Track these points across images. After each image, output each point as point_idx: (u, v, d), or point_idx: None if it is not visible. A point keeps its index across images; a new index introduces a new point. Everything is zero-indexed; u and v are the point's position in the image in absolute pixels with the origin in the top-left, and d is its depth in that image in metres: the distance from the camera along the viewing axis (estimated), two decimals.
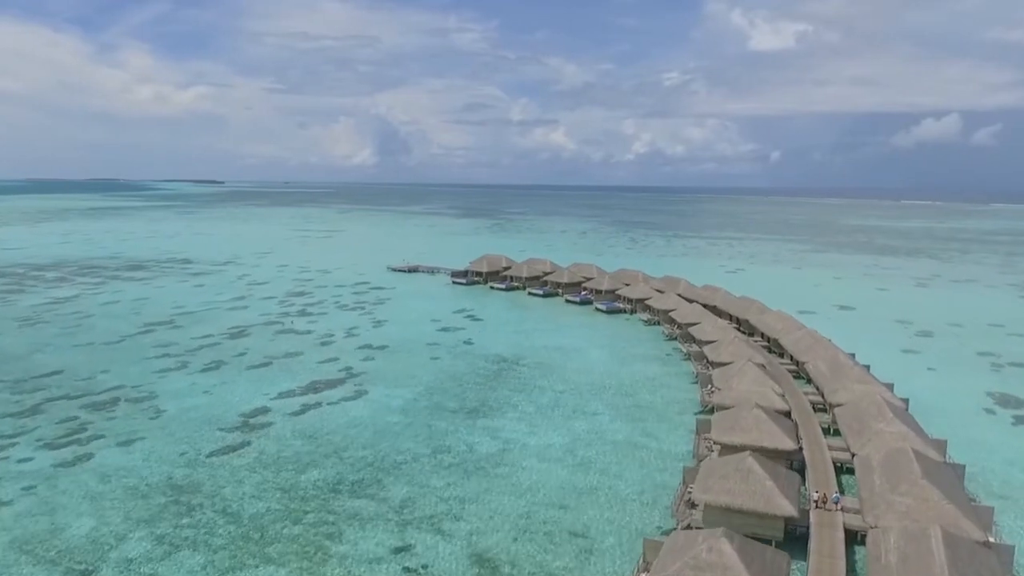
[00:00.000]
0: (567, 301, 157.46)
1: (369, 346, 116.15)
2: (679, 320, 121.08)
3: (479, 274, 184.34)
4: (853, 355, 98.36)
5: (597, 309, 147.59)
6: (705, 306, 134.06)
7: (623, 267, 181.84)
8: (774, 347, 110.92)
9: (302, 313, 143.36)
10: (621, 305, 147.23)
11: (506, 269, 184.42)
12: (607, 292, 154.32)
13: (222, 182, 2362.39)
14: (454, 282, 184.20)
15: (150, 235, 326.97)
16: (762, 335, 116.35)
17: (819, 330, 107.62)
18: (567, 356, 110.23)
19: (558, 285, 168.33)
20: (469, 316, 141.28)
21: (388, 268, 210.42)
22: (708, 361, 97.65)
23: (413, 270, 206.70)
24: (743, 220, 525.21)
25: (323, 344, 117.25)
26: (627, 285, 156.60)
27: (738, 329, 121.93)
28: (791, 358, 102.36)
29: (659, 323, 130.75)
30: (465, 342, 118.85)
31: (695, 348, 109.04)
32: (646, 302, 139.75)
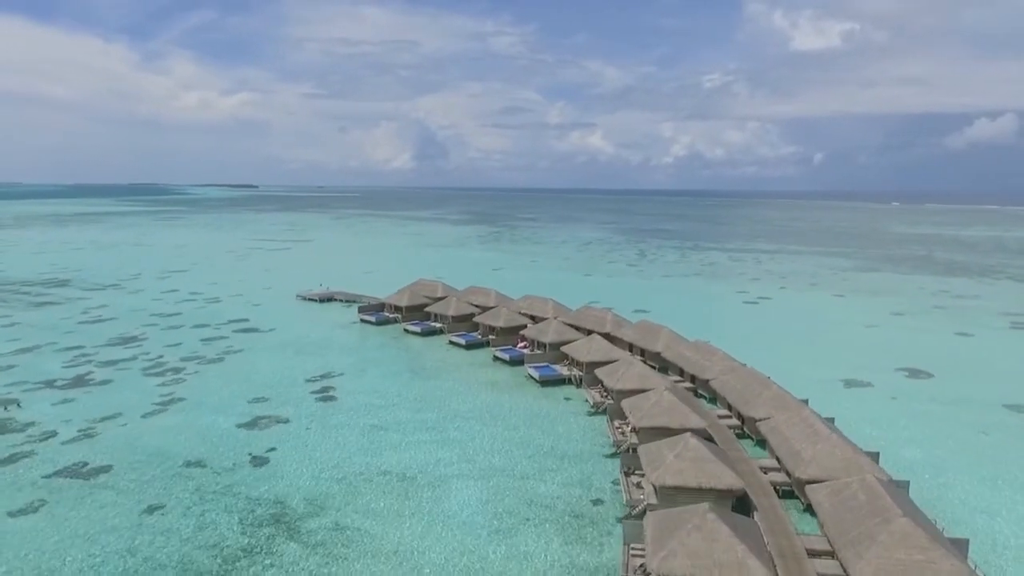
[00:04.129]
0: (495, 358, 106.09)
1: (80, 465, 66.55)
2: (631, 415, 69.25)
3: (397, 309, 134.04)
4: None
5: (530, 376, 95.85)
6: (693, 379, 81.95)
7: (610, 292, 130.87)
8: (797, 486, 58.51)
9: (79, 381, 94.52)
10: (564, 372, 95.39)
11: (436, 301, 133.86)
12: (551, 347, 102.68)
13: (256, 186, 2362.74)
14: (362, 320, 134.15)
15: (62, 246, 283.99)
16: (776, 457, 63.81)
17: (883, 419, 57.06)
18: (418, 511, 59.27)
19: (491, 330, 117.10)
20: (324, 391, 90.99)
21: (297, 296, 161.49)
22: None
23: (327, 299, 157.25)
24: (779, 228, 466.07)
25: (16, 453, 68.03)
26: (583, 333, 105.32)
27: (740, 431, 70.09)
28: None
29: (604, 411, 78.62)
30: (257, 459, 68.52)
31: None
32: (596, 368, 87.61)
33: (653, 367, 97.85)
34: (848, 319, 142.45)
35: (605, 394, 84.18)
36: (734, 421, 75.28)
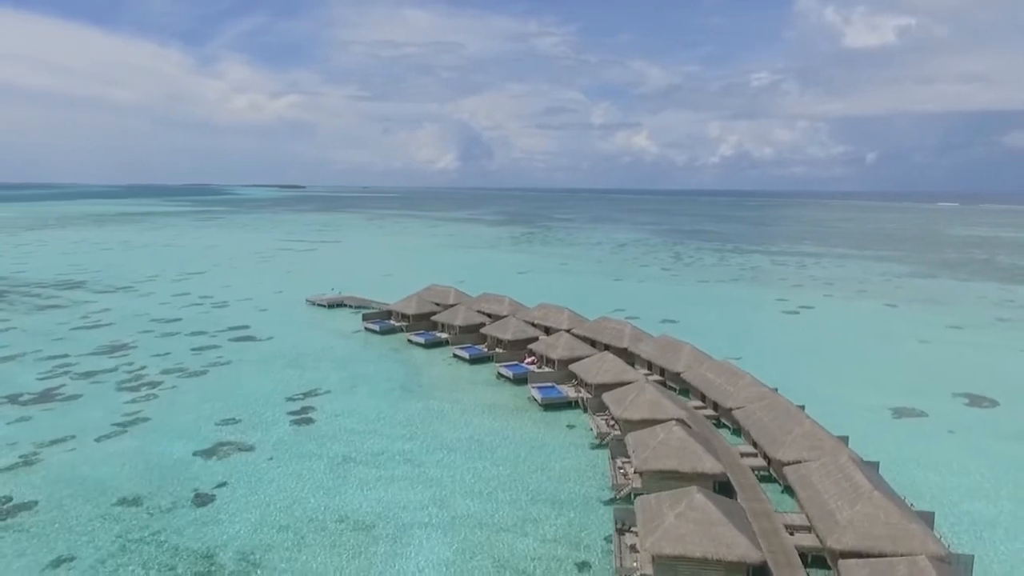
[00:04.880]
0: (499, 375, 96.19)
1: (2, 501, 58.81)
2: (634, 454, 58.87)
3: (404, 317, 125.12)
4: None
5: (532, 398, 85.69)
6: (715, 406, 71.06)
7: (638, 299, 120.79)
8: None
9: (46, 395, 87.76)
10: (571, 393, 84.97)
11: (447, 308, 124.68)
12: (560, 364, 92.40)
13: (303, 187, 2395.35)
14: (366, 328, 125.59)
15: (92, 246, 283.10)
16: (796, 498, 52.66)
17: (938, 461, 51.80)
18: (366, 573, 50.02)
19: (498, 342, 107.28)
20: (302, 411, 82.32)
21: (306, 301, 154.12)
22: None
23: (337, 305, 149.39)
24: (827, 229, 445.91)
25: None
26: (600, 347, 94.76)
27: (765, 473, 58.94)
28: None
29: (607, 445, 67.77)
30: (201, 498, 60.00)
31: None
32: (605, 393, 76.93)
33: (673, 389, 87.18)
34: (899, 333, 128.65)
35: (612, 423, 73.55)
36: (759, 461, 64.05)
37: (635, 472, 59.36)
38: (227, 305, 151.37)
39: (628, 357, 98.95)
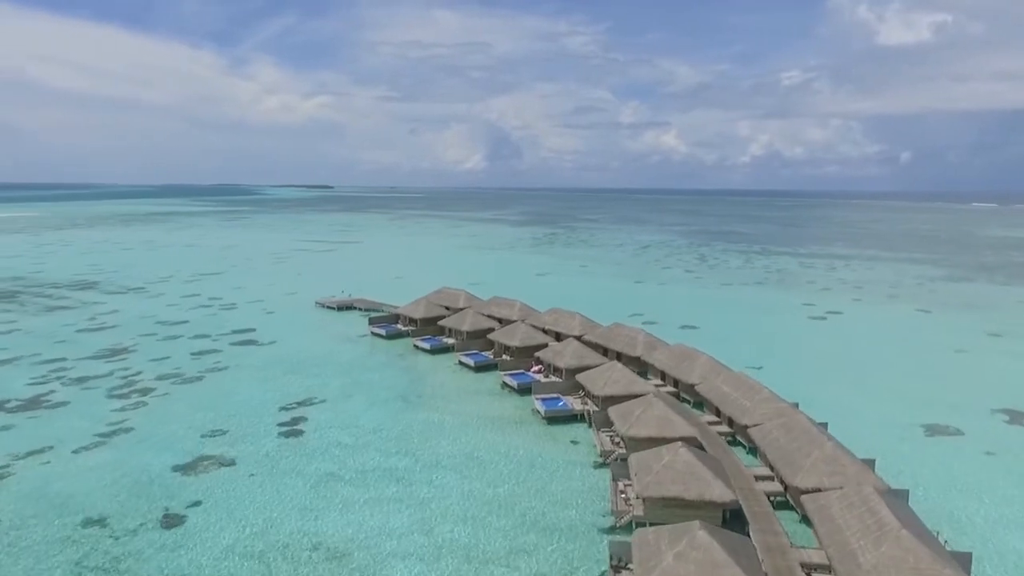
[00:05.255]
0: (503, 384, 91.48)
1: None
2: (635, 478, 53.90)
3: (412, 321, 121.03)
4: None
5: (536, 410, 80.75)
6: (730, 422, 65.69)
7: (658, 302, 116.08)
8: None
9: (34, 402, 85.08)
10: (576, 406, 79.94)
11: (457, 312, 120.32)
12: (568, 373, 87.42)
13: (331, 187, 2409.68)
14: (372, 332, 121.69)
15: (113, 246, 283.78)
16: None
17: (977, 487, 49.95)
18: None
19: (505, 349, 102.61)
20: (293, 423, 78.42)
21: (316, 303, 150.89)
22: None
23: (346, 307, 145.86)
24: (858, 230, 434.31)
25: None
26: (612, 356, 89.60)
27: (783, 498, 53.42)
28: None
29: (606, 463, 62.62)
30: (171, 519, 56.12)
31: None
32: (612, 407, 71.77)
33: (688, 401, 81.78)
34: (933, 341, 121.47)
35: (617, 440, 68.39)
36: (775, 486, 58.50)
37: (637, 498, 54.22)
38: (235, 307, 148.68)
39: (641, 366, 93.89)
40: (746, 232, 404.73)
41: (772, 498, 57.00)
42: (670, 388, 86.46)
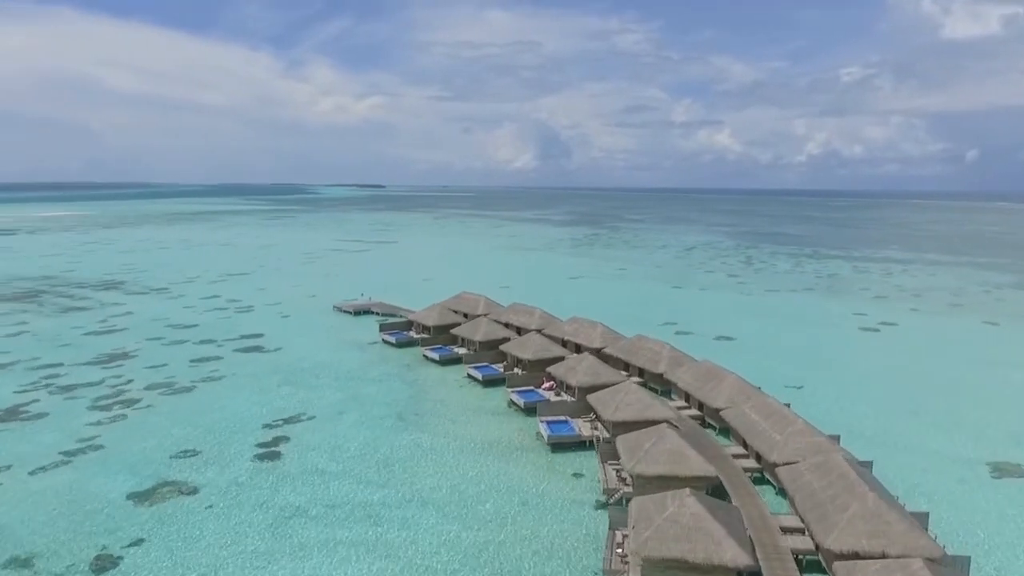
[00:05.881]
0: (510, 403, 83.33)
1: None
2: (633, 532, 45.23)
3: (425, 329, 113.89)
4: None
5: (539, 434, 72.39)
6: (758, 457, 56.41)
7: (695, 310, 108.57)
8: None
9: (12, 413, 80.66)
10: (584, 432, 71.32)
11: (471, 320, 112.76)
12: (580, 391, 78.89)
13: (383, 186, 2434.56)
14: (383, 340, 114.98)
15: (152, 245, 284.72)
16: None
17: None
18: None
19: (517, 362, 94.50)
20: (274, 443, 71.86)
21: (333, 307, 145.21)
22: None
23: (363, 311, 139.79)
24: (918, 232, 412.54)
25: None
26: (634, 371, 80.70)
27: (812, 556, 44.06)
28: None
29: (620, 503, 54.01)
30: (104, 561, 50.04)
31: None
32: (621, 436, 63.01)
33: (713, 428, 72.40)
34: (1002, 359, 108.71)
35: (625, 476, 59.60)
36: (806, 542, 48.98)
37: (634, 554, 45.51)
38: (251, 310, 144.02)
39: (665, 384, 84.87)
40: (797, 233, 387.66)
41: (801, 557, 47.61)
42: (694, 411, 77.13)
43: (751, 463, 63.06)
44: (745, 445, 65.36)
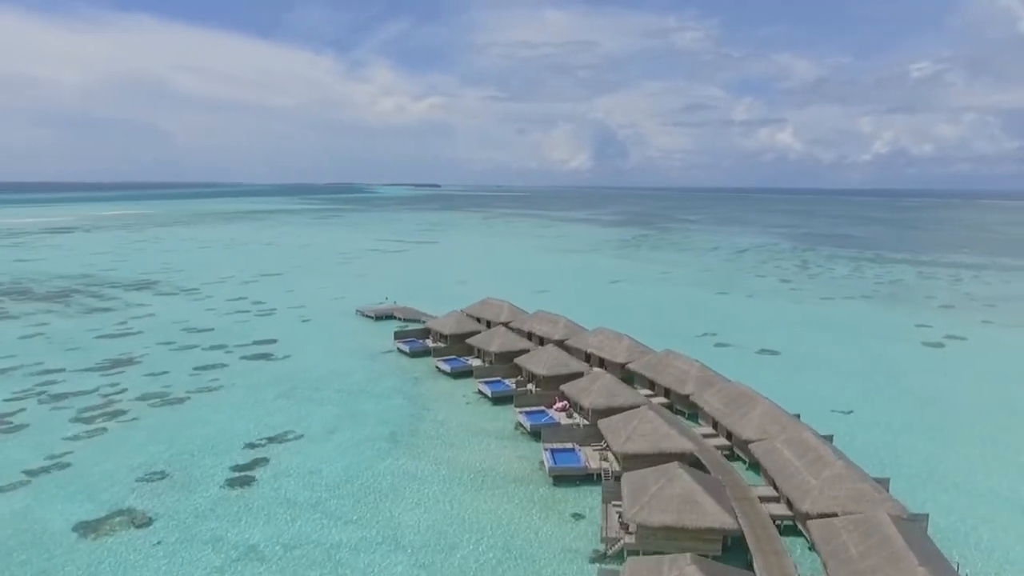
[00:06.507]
0: (517, 425, 75.52)
1: None
2: None
3: (442, 337, 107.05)
4: None
5: (542, 463, 64.26)
6: (789, 503, 47.17)
7: (739, 319, 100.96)
8: None
9: None
10: (590, 464, 62.94)
11: (490, 328, 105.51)
12: (594, 414, 70.58)
13: (439, 185, 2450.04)
14: (397, 348, 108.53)
15: (195, 244, 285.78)
16: None
17: None
18: None
19: (531, 378, 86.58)
20: (251, 466, 65.98)
21: (356, 311, 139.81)
22: None
23: (385, 316, 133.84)
24: (993, 235, 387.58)
25: None
26: (659, 393, 72.00)
27: None
28: None
29: (606, 556, 45.61)
30: None
31: None
32: (629, 472, 54.55)
33: (743, 461, 63.24)
34: None
35: (626, 527, 51.06)
36: None
37: None
38: (272, 313, 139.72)
39: (691, 407, 75.73)
40: (859, 235, 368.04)
41: None
42: (722, 440, 67.90)
43: (781, 509, 53.80)
44: (776, 486, 55.98)
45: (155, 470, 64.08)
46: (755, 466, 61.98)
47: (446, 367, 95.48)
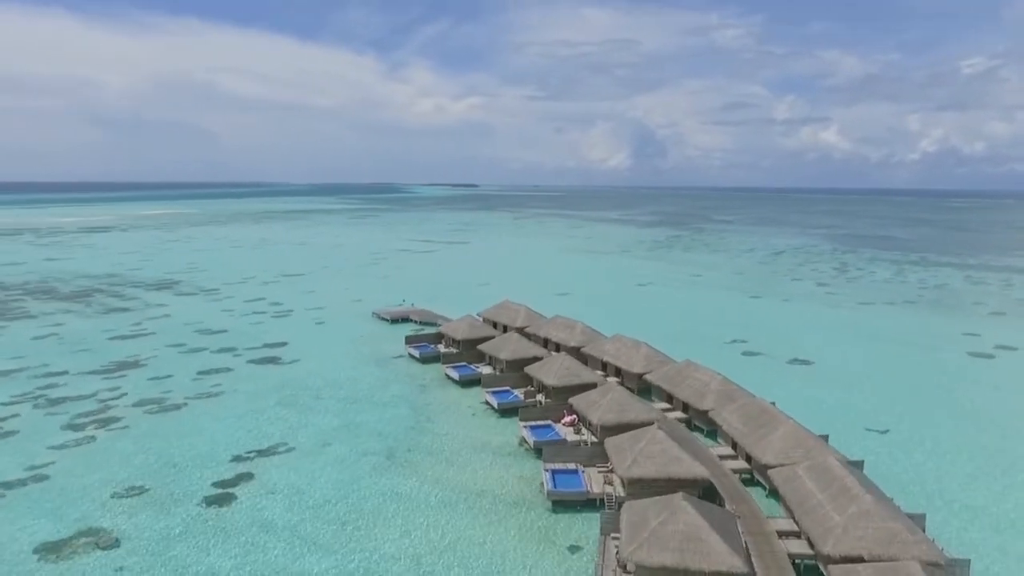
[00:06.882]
0: (521, 440, 70.68)
1: None
2: None
3: (454, 342, 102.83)
4: None
5: (541, 485, 59.28)
6: (810, 542, 41.71)
7: (770, 325, 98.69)
8: None
9: None
10: (593, 488, 57.85)
11: (511, 332, 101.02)
12: (602, 430, 65.52)
13: (476, 185, 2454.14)
14: (408, 353, 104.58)
15: (226, 243, 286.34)
16: None
17: None
18: None
19: (542, 388, 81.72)
20: (233, 482, 62.44)
21: (373, 314, 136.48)
22: None
23: (401, 319, 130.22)
24: None
25: None
26: (677, 407, 66.61)
27: None
28: None
29: None
30: None
31: None
32: (632, 499, 49.42)
33: (762, 487, 57.61)
34: None
35: (623, 565, 45.85)
36: None
37: None
38: (288, 315, 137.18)
39: (710, 424, 70.07)
40: (904, 237, 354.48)
41: None
42: (741, 463, 62.21)
43: (803, 547, 48.09)
44: (796, 521, 50.23)
45: (134, 485, 60.79)
46: (776, 493, 56.21)
47: (455, 374, 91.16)
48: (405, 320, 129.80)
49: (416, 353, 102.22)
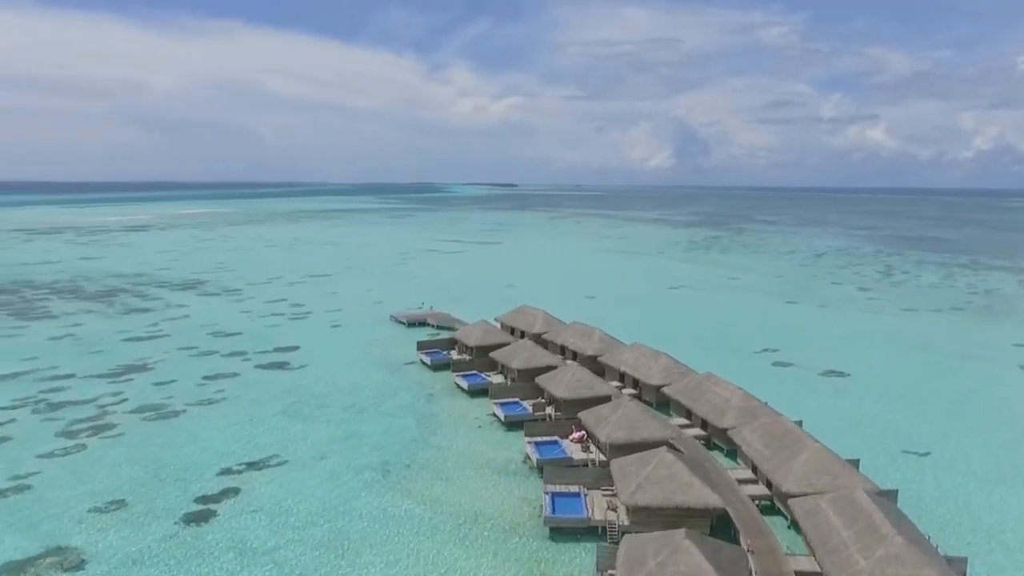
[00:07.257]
0: (526, 457, 66.20)
1: None
2: None
3: (467, 348, 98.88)
4: None
5: (541, 508, 54.71)
6: None
7: (806, 332, 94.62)
8: None
9: None
10: (595, 515, 53.13)
11: (528, 338, 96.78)
12: (612, 449, 60.78)
13: (515, 185, 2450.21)
14: (420, 359, 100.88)
15: (259, 243, 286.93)
16: None
17: None
18: None
19: (551, 401, 77.21)
20: (217, 498, 59.39)
21: (390, 317, 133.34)
22: None
23: (418, 323, 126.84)
24: None
25: None
26: (696, 424, 61.70)
27: None
28: None
29: None
30: None
31: None
32: (636, 531, 44.58)
33: (783, 516, 52.29)
34: None
35: None
36: None
37: None
38: (306, 317, 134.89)
39: (730, 443, 64.73)
40: (953, 239, 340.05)
41: None
42: (761, 488, 56.84)
43: None
44: (819, 561, 44.84)
45: (115, 498, 58.04)
46: (795, 523, 50.85)
47: (464, 383, 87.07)
48: (423, 324, 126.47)
49: (427, 359, 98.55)
